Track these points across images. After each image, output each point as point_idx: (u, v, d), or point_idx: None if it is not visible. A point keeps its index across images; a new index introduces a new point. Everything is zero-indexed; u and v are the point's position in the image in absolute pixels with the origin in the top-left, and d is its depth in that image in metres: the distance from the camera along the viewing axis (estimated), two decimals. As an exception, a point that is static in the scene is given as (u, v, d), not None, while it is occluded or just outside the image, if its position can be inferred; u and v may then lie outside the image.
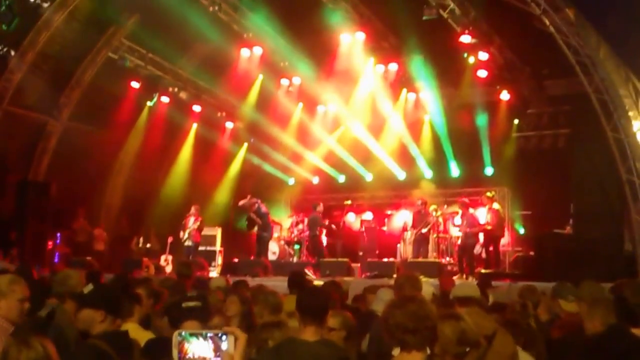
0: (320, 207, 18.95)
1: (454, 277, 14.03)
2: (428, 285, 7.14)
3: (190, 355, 2.57)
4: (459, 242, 17.39)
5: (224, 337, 2.60)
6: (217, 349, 2.58)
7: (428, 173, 21.42)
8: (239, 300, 6.24)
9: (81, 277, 5.88)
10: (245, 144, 23.99)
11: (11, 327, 4.57)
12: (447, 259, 18.22)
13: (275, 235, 20.70)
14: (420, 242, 17.80)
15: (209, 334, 2.59)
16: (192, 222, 18.74)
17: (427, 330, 3.65)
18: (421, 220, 17.77)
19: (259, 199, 19.08)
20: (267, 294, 6.62)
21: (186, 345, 2.58)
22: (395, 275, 12.76)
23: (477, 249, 17.51)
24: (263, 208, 18.95)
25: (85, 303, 4.52)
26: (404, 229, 19.10)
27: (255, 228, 18.86)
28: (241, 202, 19.38)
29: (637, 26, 13.84)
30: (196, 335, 2.59)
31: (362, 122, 21.31)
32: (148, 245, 20.60)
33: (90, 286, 4.65)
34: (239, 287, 8.31)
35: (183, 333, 2.59)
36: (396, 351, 3.80)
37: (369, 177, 22.39)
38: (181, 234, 18.80)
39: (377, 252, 18.90)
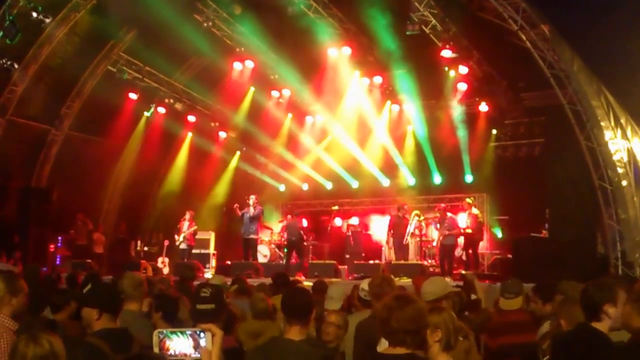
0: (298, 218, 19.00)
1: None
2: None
3: (171, 352, 2.63)
4: (439, 244, 17.36)
5: (202, 334, 2.65)
6: (196, 346, 2.64)
7: (411, 180, 21.43)
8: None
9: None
10: (238, 153, 23.91)
11: (15, 325, 4.53)
12: (429, 261, 18.19)
13: (266, 239, 20.66)
14: (401, 244, 17.77)
15: (188, 332, 2.65)
16: (186, 227, 18.64)
17: (424, 329, 3.68)
18: (399, 223, 17.75)
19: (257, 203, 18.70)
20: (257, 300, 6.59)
21: (167, 342, 2.63)
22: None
23: (458, 252, 17.53)
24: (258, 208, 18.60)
25: (83, 302, 4.55)
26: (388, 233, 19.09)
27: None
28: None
29: (608, 40, 13.91)
30: (176, 332, 2.64)
31: (349, 132, 21.26)
32: (146, 249, 20.57)
33: (89, 286, 4.68)
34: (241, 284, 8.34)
35: (164, 331, 2.65)
36: (382, 346, 3.78)
37: (355, 184, 22.39)
38: (176, 237, 18.72)
39: (363, 254, 18.86)
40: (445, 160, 20.52)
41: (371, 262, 18.06)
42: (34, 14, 17.08)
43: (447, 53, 17.40)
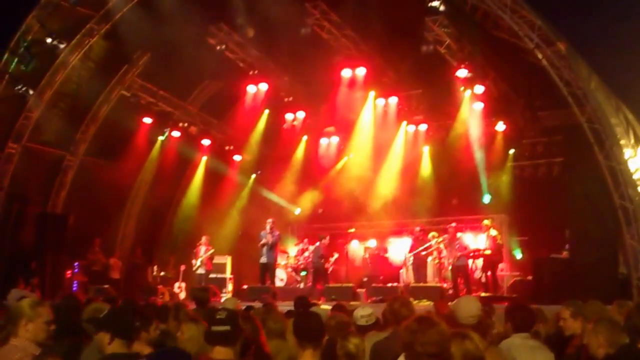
0: (326, 240, 18.80)
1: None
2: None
3: None
4: (451, 265, 17.16)
5: None
6: None
7: (428, 201, 21.20)
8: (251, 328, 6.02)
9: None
10: (253, 176, 23.89)
11: (38, 349, 4.51)
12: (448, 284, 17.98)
13: (283, 262, 20.52)
14: (419, 266, 17.62)
15: None
16: (203, 251, 18.65)
17: (446, 351, 3.57)
18: (419, 245, 17.65)
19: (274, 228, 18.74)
20: (274, 320, 6.51)
21: None
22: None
23: (477, 274, 17.33)
24: (276, 234, 18.63)
25: (98, 326, 4.58)
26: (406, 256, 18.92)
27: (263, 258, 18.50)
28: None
29: (625, 57, 13.79)
30: None
31: (364, 154, 21.16)
32: (162, 274, 20.51)
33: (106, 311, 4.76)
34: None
35: None
36: None
37: (371, 206, 22.18)
38: (193, 262, 18.73)
39: (381, 277, 18.67)
40: (462, 181, 20.31)
41: (389, 285, 17.88)
42: (49, 40, 17.23)
43: (462, 72, 17.37)
